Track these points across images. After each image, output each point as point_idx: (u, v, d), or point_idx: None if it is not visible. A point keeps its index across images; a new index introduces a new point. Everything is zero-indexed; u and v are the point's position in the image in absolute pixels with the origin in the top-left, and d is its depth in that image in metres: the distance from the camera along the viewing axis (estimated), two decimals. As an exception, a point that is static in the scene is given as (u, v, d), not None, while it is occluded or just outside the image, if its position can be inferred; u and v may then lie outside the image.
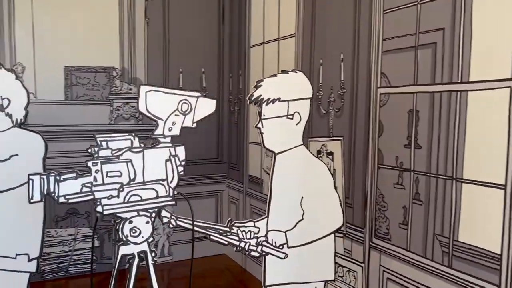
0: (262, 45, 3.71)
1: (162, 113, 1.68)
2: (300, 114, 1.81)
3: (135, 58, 3.94)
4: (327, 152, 2.95)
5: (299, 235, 1.81)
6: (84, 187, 1.59)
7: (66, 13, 3.69)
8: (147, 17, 3.96)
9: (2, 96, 2.13)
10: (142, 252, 1.70)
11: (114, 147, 1.64)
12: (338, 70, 2.82)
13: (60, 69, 3.64)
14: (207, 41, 4.22)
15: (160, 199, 1.68)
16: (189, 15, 4.14)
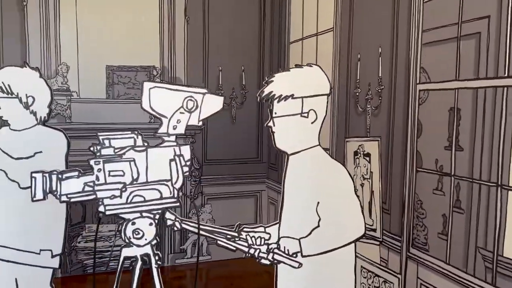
0: (301, 41, 3.58)
1: (166, 111, 1.60)
2: (316, 112, 1.66)
3: (175, 57, 3.94)
4: (364, 153, 2.76)
5: (314, 243, 1.66)
6: (86, 186, 1.57)
7: (108, 14, 3.76)
8: (187, 15, 3.95)
9: (27, 94, 2.18)
10: (145, 255, 1.63)
11: (117, 145, 1.59)
12: (376, 65, 2.63)
13: (102, 68, 3.72)
14: (248, 39, 4.15)
15: (164, 200, 1.60)
16: (229, 13, 4.09)
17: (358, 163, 2.81)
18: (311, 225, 1.65)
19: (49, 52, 3.62)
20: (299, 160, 1.68)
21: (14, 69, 2.21)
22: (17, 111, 2.20)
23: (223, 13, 4.07)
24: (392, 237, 2.53)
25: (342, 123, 3.01)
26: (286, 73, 1.68)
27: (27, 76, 2.21)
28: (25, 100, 2.18)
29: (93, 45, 3.72)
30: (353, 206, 1.70)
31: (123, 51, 3.79)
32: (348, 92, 2.95)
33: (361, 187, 2.79)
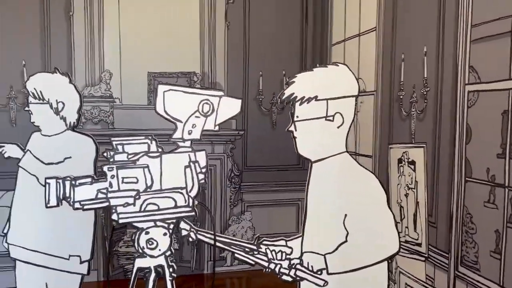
0: (343, 42, 3.43)
1: (181, 115, 1.54)
2: (343, 115, 1.51)
3: (215, 62, 3.91)
4: (408, 161, 2.55)
5: (341, 260, 1.51)
6: (100, 193, 1.53)
7: (149, 22, 3.81)
8: (228, 20, 3.91)
9: (57, 100, 2.21)
10: (159, 266, 1.56)
11: (130, 151, 1.54)
12: (421, 65, 2.43)
13: (144, 75, 3.76)
14: (289, 42, 4.04)
15: (178, 209, 1.53)
16: (270, 17, 4.01)
17: (402, 172, 2.61)
18: (337, 240, 1.50)
19: (93, 59, 3.71)
20: (324, 168, 1.54)
21: (45, 75, 2.27)
22: (48, 117, 2.25)
23: (264, 17, 3.99)
24: (439, 253, 2.31)
25: (385, 129, 2.82)
26: (309, 73, 1.54)
27: (58, 82, 2.26)
28: (55, 105, 2.22)
29: (135, 53, 3.78)
30: (386, 219, 1.53)
31: (164, 58, 3.82)
32: (391, 95, 2.75)
33: (405, 197, 2.58)
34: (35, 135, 2.28)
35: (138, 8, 3.78)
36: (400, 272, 2.64)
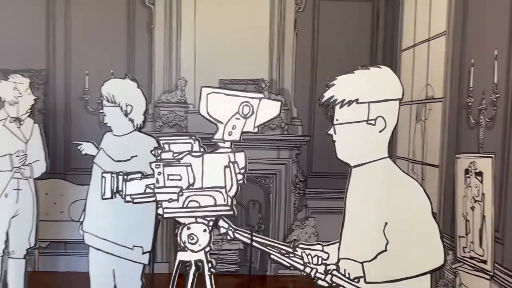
0: (413, 48, 3.25)
1: (222, 116, 1.58)
2: (385, 119, 1.43)
3: (283, 69, 3.93)
4: (476, 171, 2.33)
5: (380, 269, 1.43)
6: (148, 189, 1.60)
7: (222, 32, 3.92)
8: (297, 28, 3.91)
9: (127, 103, 2.35)
10: (199, 261, 1.60)
11: (176, 150, 1.60)
12: (491, 70, 2.21)
13: (215, 82, 3.85)
14: (358, 49, 3.92)
15: (217, 207, 1.57)
16: (340, 24, 3.93)
17: (469, 183, 2.39)
18: (377, 248, 1.42)
19: (171, 68, 3.92)
20: (364, 174, 1.48)
21: (117, 81, 2.42)
22: (118, 119, 2.39)
23: (333, 24, 3.93)
24: (506, 273, 2.07)
25: (452, 137, 2.62)
26: (350, 76, 1.48)
27: (128, 87, 2.40)
28: (125, 108, 2.37)
29: (208, 61, 3.91)
30: (430, 230, 1.42)
31: (234, 66, 3.90)
32: (460, 102, 2.55)
33: (472, 210, 2.36)
34: (107, 135, 2.45)
35: (211, 20, 3.91)
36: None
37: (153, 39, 3.90)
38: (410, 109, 3.24)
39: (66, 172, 3.91)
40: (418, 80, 3.12)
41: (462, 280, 2.44)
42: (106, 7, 3.90)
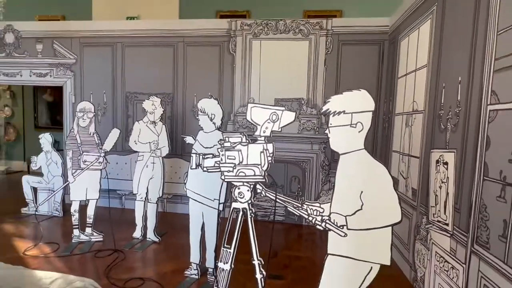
0: (405, 76, 3.03)
1: (259, 121, 1.63)
2: (363, 124, 1.42)
3: (316, 91, 3.88)
4: (443, 162, 2.18)
5: (357, 221, 1.42)
6: (216, 164, 1.70)
7: (277, 66, 3.95)
8: (326, 64, 3.83)
9: (211, 113, 2.47)
10: (244, 209, 1.68)
11: (232, 141, 1.67)
12: (456, 91, 2.05)
13: (272, 100, 3.91)
14: (369, 76, 3.77)
15: (256, 176, 1.64)
16: (355, 61, 3.79)
17: (438, 170, 2.23)
18: (355, 207, 1.42)
19: (244, 91, 4.04)
20: (348, 159, 1.47)
21: (206, 99, 2.52)
22: (207, 122, 2.51)
23: (351, 62, 3.80)
24: (461, 232, 1.92)
25: (429, 137, 2.44)
26: (340, 95, 1.48)
27: (212, 103, 2.47)
28: (210, 116, 2.48)
29: (267, 86, 3.97)
30: (391, 197, 1.38)
31: (285, 89, 3.92)
32: (434, 113, 2.37)
33: (439, 188, 2.20)
34: (200, 132, 2.57)
35: (270, 60, 3.97)
36: (432, 243, 2.27)
37: (234, 73, 4.04)
38: (402, 118, 3.05)
39: (182, 154, 4.19)
40: (408, 98, 2.92)
41: (432, 236, 2.28)
42: (207, 53, 4.09)
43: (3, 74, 4.55)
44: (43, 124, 6.74)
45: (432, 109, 2.40)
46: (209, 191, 2.46)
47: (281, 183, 4.00)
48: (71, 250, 3.03)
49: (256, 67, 3.99)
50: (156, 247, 3.18)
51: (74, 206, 3.23)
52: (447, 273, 2.05)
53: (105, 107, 4.36)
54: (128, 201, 4.33)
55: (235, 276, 2.69)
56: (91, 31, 4.30)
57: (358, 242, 1.44)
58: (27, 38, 4.45)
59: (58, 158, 3.88)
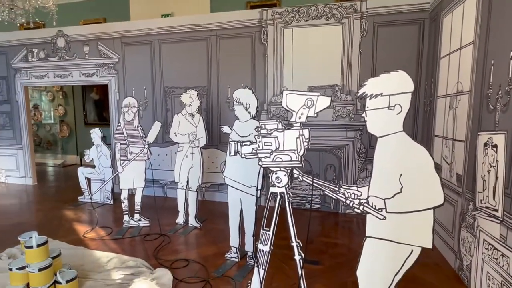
0: (448, 55, 2.85)
1: (294, 107, 1.66)
2: (401, 105, 1.39)
3: (351, 77, 3.77)
4: (492, 144, 2.05)
5: (396, 204, 1.41)
6: (253, 150, 1.77)
7: (309, 52, 3.90)
8: (361, 49, 3.70)
9: (246, 102, 2.53)
10: (282, 193, 1.73)
11: (268, 128, 1.72)
12: (506, 68, 1.90)
13: (305, 87, 3.89)
14: (408, 58, 3.57)
15: (292, 162, 1.68)
16: (394, 43, 3.61)
17: (486, 153, 2.11)
18: (394, 190, 1.42)
19: (277, 80, 4.05)
20: (386, 142, 1.46)
21: (241, 90, 2.56)
22: (242, 112, 2.56)
23: (388, 44, 3.62)
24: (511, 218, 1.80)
25: (475, 119, 2.29)
26: (377, 78, 1.46)
27: (247, 93, 2.53)
28: (245, 106, 2.54)
29: (300, 75, 3.94)
30: (432, 180, 1.35)
31: (318, 76, 3.87)
32: (481, 93, 2.22)
33: (488, 173, 2.08)
34: (236, 121, 2.62)
35: (302, 47, 3.92)
36: (480, 230, 2.16)
37: (266, 63, 4.06)
38: (445, 100, 2.89)
39: (218, 144, 4.33)
40: (452, 79, 2.76)
41: (479, 223, 2.17)
42: (239, 45, 4.13)
43: (56, 76, 5.01)
44: (91, 121, 7.33)
45: (480, 89, 2.25)
46: (247, 178, 2.55)
47: (316, 171, 3.99)
48: (123, 234, 3.32)
49: (288, 55, 3.96)
50: (198, 232, 3.37)
51: (123, 194, 3.52)
52: (496, 261, 1.95)
53: (146, 102, 4.63)
54: (169, 190, 4.61)
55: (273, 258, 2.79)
56: (130, 31, 4.56)
57: (398, 225, 1.43)
58: (75, 41, 4.84)
59: (107, 151, 4.23)
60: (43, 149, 7.79)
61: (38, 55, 5.02)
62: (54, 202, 4.45)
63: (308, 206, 4.04)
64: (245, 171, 2.52)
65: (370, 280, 1.53)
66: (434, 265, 2.65)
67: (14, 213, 4.00)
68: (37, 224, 3.59)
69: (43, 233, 3.38)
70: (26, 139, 5.35)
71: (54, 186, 5.46)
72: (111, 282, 2.35)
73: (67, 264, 2.45)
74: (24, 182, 5.49)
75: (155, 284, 2.28)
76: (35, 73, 5.11)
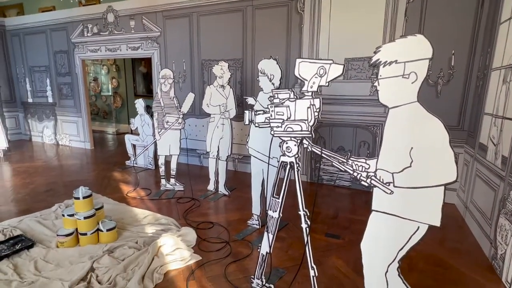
0: (509, 20, 2.46)
1: (307, 76, 1.62)
2: (417, 74, 1.28)
3: (393, 48, 3.46)
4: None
5: (405, 178, 1.35)
6: (266, 119, 1.80)
7: (347, 22, 3.67)
8: (407, 16, 3.36)
9: (269, 73, 2.53)
10: (291, 162, 1.75)
11: (281, 97, 1.72)
12: None
13: (342, 60, 3.72)
14: (462, 25, 3.16)
15: (303, 132, 1.67)
16: (446, 10, 3.20)
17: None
18: (403, 164, 1.35)
19: (312, 51, 3.91)
20: (398, 113, 1.37)
21: (265, 60, 2.57)
22: (266, 83, 2.57)
23: (439, 10, 3.23)
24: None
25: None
26: (391, 43, 1.35)
27: (271, 64, 2.53)
28: (269, 77, 2.54)
29: (337, 46, 3.76)
30: (445, 155, 1.26)
31: (356, 47, 3.65)
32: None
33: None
34: (261, 92, 2.66)
35: (340, 16, 3.70)
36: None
37: (302, 33, 3.92)
38: (499, 74, 2.54)
39: (251, 117, 4.42)
40: (509, 48, 2.40)
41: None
42: (275, 15, 4.05)
43: (108, 50, 5.44)
44: (140, 93, 7.88)
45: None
46: (269, 149, 2.57)
47: (348, 148, 3.87)
48: (160, 195, 3.65)
49: (326, 25, 3.77)
50: (226, 199, 3.57)
51: (160, 160, 3.83)
52: (531, 251, 1.77)
53: (184, 74, 4.83)
54: (205, 159, 4.87)
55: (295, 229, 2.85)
56: (171, 4, 4.70)
57: (405, 200, 1.38)
58: (122, 16, 5.15)
59: (149, 120, 4.57)
60: (101, 118, 8.66)
61: (92, 30, 5.46)
62: (106, 164, 5.01)
63: (338, 183, 3.98)
64: (268, 142, 2.55)
65: (374, 254, 1.52)
66: (466, 252, 2.49)
67: (74, 172, 4.61)
68: (90, 182, 4.11)
69: (94, 190, 3.86)
70: (84, 108, 6.00)
71: (107, 151, 6.11)
72: (144, 235, 2.65)
73: (109, 216, 2.81)
74: (83, 146, 6.23)
75: (180, 240, 2.51)
76: (90, 47, 5.60)
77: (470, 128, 3.19)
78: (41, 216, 3.00)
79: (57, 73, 6.12)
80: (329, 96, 3.81)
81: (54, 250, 2.38)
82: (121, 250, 2.37)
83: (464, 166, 3.26)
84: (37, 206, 3.27)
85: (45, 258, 2.28)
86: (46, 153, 5.85)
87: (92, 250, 2.37)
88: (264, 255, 1.88)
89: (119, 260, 2.24)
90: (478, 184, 2.78)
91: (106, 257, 2.25)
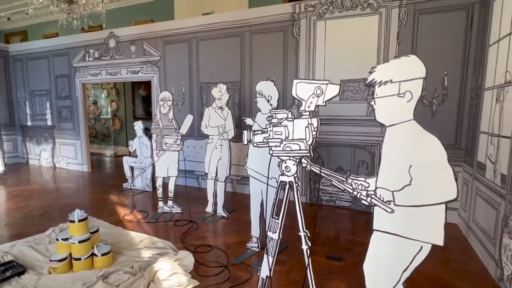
0: (498, 42, 2.55)
1: (304, 96, 1.65)
2: (412, 92, 1.31)
3: (387, 70, 3.55)
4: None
5: (405, 197, 1.34)
6: (264, 139, 1.80)
7: (342, 45, 3.78)
8: (399, 39, 3.48)
9: (268, 94, 2.57)
10: (290, 182, 1.74)
11: (279, 117, 1.74)
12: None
13: (338, 81, 3.79)
14: (453, 47, 3.27)
15: (301, 151, 1.68)
16: (437, 31, 3.32)
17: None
18: (403, 182, 1.34)
19: (309, 74, 3.99)
20: (395, 131, 1.38)
21: (263, 82, 2.62)
22: (264, 104, 2.60)
23: (430, 32, 3.35)
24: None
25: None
26: (386, 63, 1.38)
27: (269, 85, 2.56)
28: (267, 98, 2.58)
29: (332, 69, 3.85)
30: (444, 173, 1.25)
31: (351, 69, 3.74)
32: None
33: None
34: (258, 113, 2.68)
35: (335, 39, 3.81)
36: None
37: (298, 57, 4.03)
38: (492, 93, 2.60)
39: (249, 138, 4.43)
40: (500, 68, 2.47)
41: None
42: (272, 39, 4.14)
43: (108, 74, 5.54)
44: (139, 115, 7.95)
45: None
46: (267, 169, 2.57)
47: (347, 168, 3.86)
48: (157, 218, 3.58)
49: (321, 49, 3.88)
50: (224, 221, 3.50)
51: (158, 182, 3.79)
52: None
53: (183, 97, 4.90)
54: (203, 181, 4.82)
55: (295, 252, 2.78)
56: (171, 30, 4.85)
57: (406, 219, 1.36)
58: (124, 41, 5.29)
59: (148, 142, 4.58)
60: (99, 140, 8.66)
61: (93, 55, 5.60)
62: (103, 187, 4.95)
63: (338, 204, 3.94)
64: (266, 163, 2.53)
65: (376, 275, 1.47)
66: (471, 273, 2.42)
67: (70, 195, 4.54)
68: (86, 205, 4.04)
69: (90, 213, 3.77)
70: (83, 130, 6.01)
71: (105, 173, 6.06)
72: (140, 259, 2.57)
73: (104, 240, 2.73)
74: (80, 169, 6.19)
75: (177, 265, 2.43)
76: (91, 71, 5.71)
77: (468, 147, 3.21)
78: (34, 240, 2.92)
79: (57, 96, 6.19)
80: (327, 117, 3.85)
81: (46, 277, 2.29)
82: (116, 275, 2.29)
83: (463, 185, 3.25)
84: (30, 231, 3.19)
85: (36, 285, 2.19)
86: (42, 176, 5.79)
87: (85, 276, 2.29)
88: (264, 279, 1.82)
89: (113, 286, 2.16)
90: (479, 203, 2.75)
91: (100, 283, 2.17)
